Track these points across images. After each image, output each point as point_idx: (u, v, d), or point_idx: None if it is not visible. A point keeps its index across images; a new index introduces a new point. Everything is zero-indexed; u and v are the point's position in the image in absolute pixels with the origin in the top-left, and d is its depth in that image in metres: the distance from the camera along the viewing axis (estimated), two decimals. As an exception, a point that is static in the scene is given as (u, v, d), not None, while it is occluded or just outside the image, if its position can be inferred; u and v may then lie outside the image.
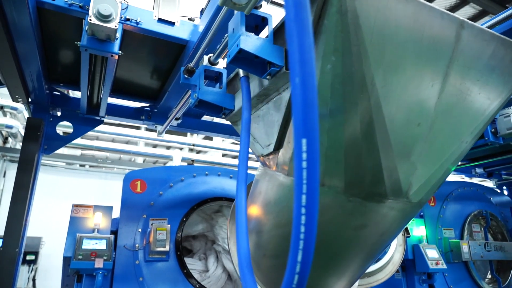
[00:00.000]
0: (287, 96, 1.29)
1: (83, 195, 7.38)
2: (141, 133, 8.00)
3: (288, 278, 0.65)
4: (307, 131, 0.52)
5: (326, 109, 1.06)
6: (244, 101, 1.39)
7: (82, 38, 2.36)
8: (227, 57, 1.31)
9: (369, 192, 1.13)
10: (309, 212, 0.55)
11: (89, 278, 3.39)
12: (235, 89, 1.75)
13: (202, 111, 1.85)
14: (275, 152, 1.41)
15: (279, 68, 1.23)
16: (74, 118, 3.70)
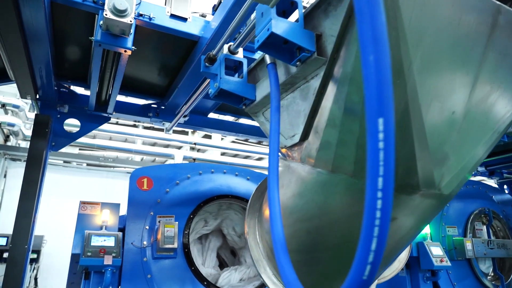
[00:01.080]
0: (316, 84, 1.26)
1: (85, 193, 7.34)
2: (141, 131, 7.98)
3: (357, 269, 0.61)
4: (383, 110, 0.52)
5: (359, 96, 1.05)
6: (273, 89, 1.36)
7: (95, 33, 2.36)
8: (256, 42, 1.28)
9: (401, 183, 1.12)
10: (385, 195, 0.54)
11: (97, 275, 3.39)
12: (255, 79, 1.73)
13: (221, 101, 1.82)
14: (300, 143, 1.39)
15: (310, 54, 1.20)
16: (81, 115, 3.68)
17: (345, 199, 1.25)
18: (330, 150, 1.21)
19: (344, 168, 1.19)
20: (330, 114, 1.18)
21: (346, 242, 1.33)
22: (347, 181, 1.20)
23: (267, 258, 1.73)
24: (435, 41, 0.96)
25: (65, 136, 3.61)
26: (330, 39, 1.14)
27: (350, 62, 1.07)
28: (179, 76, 3.32)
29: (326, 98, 1.22)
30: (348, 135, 1.13)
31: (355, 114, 1.09)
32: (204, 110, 4.10)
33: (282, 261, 0.97)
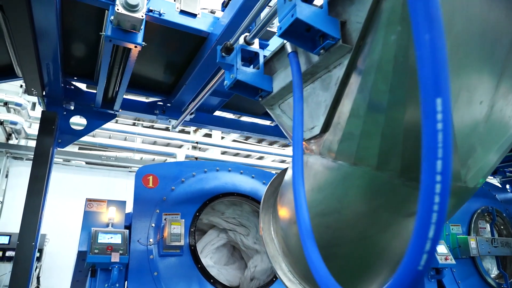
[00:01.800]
0: (338, 73, 1.24)
1: (87, 192, 7.32)
2: (142, 130, 7.97)
3: (412, 258, 0.57)
4: (441, 89, 0.51)
5: (386, 84, 1.03)
6: (295, 78, 1.32)
7: (106, 29, 2.35)
8: (278, 30, 1.25)
9: None
10: (444, 179, 0.51)
11: (104, 273, 3.37)
12: (271, 70, 1.71)
13: (236, 93, 1.79)
14: (320, 135, 1.36)
15: (334, 42, 1.18)
16: (87, 112, 3.67)
17: (367, 193, 1.23)
18: (353, 141, 1.19)
19: (367, 160, 1.17)
20: (354, 104, 1.16)
21: (366, 237, 1.31)
22: (370, 174, 1.18)
23: (283, 254, 1.71)
24: (466, 28, 0.95)
25: (71, 133, 3.60)
26: (356, 26, 1.12)
27: (377, 49, 1.05)
28: (186, 73, 3.32)
29: (350, 87, 1.19)
30: (373, 125, 1.11)
31: (381, 103, 1.07)
32: (210, 107, 4.10)
33: (311, 255, 0.95)
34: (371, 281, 1.50)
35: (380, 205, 1.24)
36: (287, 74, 1.55)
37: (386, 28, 0.99)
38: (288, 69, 1.53)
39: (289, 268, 1.68)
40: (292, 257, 1.65)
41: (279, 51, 1.62)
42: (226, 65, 1.76)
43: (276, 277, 3.97)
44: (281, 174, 2.07)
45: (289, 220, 1.61)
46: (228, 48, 1.74)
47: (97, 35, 2.95)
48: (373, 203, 1.24)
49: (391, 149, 1.12)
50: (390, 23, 0.98)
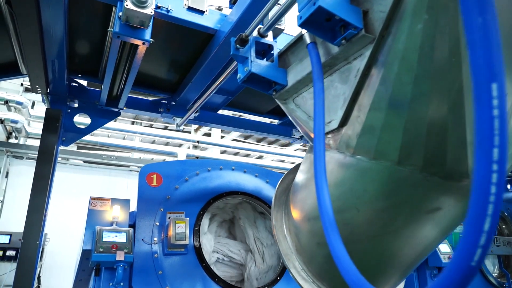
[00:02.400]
0: (359, 65, 1.20)
1: (87, 191, 7.29)
2: (142, 129, 7.94)
3: (465, 253, 0.54)
4: (496, 74, 0.49)
5: (411, 76, 1.01)
6: (316, 69, 1.27)
7: (114, 25, 2.33)
8: (298, 19, 1.22)
9: (450, 170, 1.09)
10: (501, 168, 0.49)
11: (108, 272, 3.36)
12: (285, 63, 1.68)
13: (249, 86, 1.74)
14: (338, 129, 1.32)
15: (357, 31, 1.14)
16: (91, 110, 3.65)
17: (387, 188, 1.21)
18: (373, 135, 1.17)
19: (388, 154, 1.15)
20: (375, 96, 1.13)
21: (384, 233, 1.30)
22: (390, 169, 1.16)
23: (296, 252, 1.69)
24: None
25: (75, 131, 3.57)
26: (379, 15, 1.09)
27: (401, 39, 1.02)
28: (192, 71, 3.30)
29: (371, 79, 1.16)
30: (395, 118, 1.09)
31: (404, 96, 1.04)
32: (214, 106, 4.08)
33: (337, 251, 0.93)
34: (386, 280, 1.49)
35: (400, 202, 1.22)
36: (303, 67, 1.52)
37: (412, 16, 0.96)
38: (304, 61, 1.51)
39: (302, 266, 1.66)
40: (306, 255, 1.63)
41: (293, 43, 1.59)
42: (240, 58, 1.71)
43: (280, 277, 3.96)
44: (292, 171, 2.06)
45: (303, 217, 1.59)
46: (243, 39, 1.69)
47: (103, 32, 2.93)
48: (393, 199, 1.22)
49: (414, 143, 1.10)
50: (416, 11, 0.95)
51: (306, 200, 1.58)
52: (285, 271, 4.00)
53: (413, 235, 1.29)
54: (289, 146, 12.03)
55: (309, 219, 1.55)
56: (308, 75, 1.47)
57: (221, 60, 2.84)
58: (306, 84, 1.55)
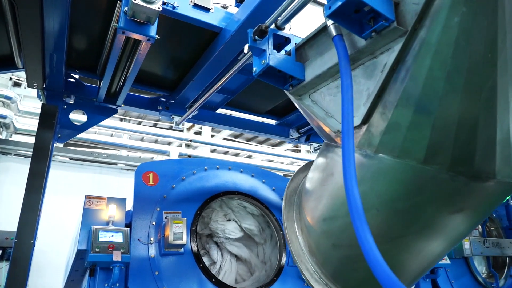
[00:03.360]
0: (386, 59, 1.16)
1: (76, 189, 7.15)
2: (131, 126, 7.80)
3: None
4: None
5: (443, 71, 0.98)
6: (343, 63, 1.20)
7: (120, 20, 2.27)
8: (326, 10, 1.18)
9: (477, 170, 1.08)
10: None
11: (103, 272, 3.28)
12: (302, 57, 1.62)
13: (265, 80, 1.68)
14: (359, 126, 1.28)
15: (388, 23, 1.09)
16: (88, 107, 3.57)
17: (411, 188, 1.18)
18: (399, 133, 1.13)
19: (414, 153, 1.12)
20: (403, 92, 1.09)
21: (404, 235, 1.28)
22: (415, 168, 1.13)
23: (308, 253, 1.66)
24: None
25: (71, 128, 3.49)
26: (411, 7, 1.05)
27: (436, 32, 0.98)
28: (193, 68, 3.25)
29: (399, 74, 1.12)
30: (424, 116, 1.06)
31: (435, 92, 1.02)
32: (213, 105, 4.04)
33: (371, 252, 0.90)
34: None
35: (423, 202, 1.20)
36: (323, 61, 1.47)
37: (449, 9, 0.93)
38: (325, 56, 1.47)
39: (315, 268, 1.63)
40: (319, 256, 1.61)
41: (313, 37, 1.54)
42: (257, 50, 1.64)
43: (277, 277, 3.94)
44: (302, 170, 2.03)
45: (318, 217, 1.57)
46: (262, 31, 1.61)
47: (103, 26, 2.86)
48: (416, 200, 1.20)
49: (442, 141, 1.07)
50: (454, 4, 0.92)
51: (322, 199, 1.54)
52: (282, 271, 3.99)
53: (434, 238, 1.28)
54: (279, 146, 12.05)
55: (325, 219, 1.52)
56: (329, 70, 1.44)
57: (225, 59, 2.81)
58: (325, 79, 1.51)
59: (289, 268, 4.04)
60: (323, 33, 1.51)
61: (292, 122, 4.51)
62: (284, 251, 4.10)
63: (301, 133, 4.49)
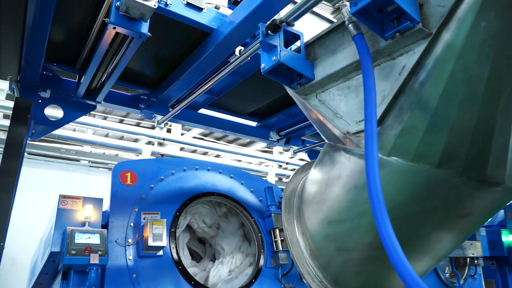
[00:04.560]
0: (405, 61, 1.13)
1: (41, 186, 6.79)
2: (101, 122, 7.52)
3: None
4: None
5: (465, 75, 0.97)
6: (366, 64, 1.17)
7: (110, 14, 2.19)
8: (351, 7, 1.14)
9: (489, 175, 1.08)
10: None
11: (78, 275, 3.14)
12: (310, 56, 1.59)
13: (272, 77, 1.64)
14: None
15: (413, 25, 1.07)
16: (64, 102, 3.40)
17: (422, 192, 1.17)
18: (415, 136, 1.12)
19: (429, 157, 1.11)
20: (422, 95, 1.07)
21: (413, 238, 1.28)
22: (429, 172, 1.12)
23: (310, 256, 1.66)
24: None
25: (46, 123, 3.31)
26: (436, 9, 1.04)
27: (461, 36, 0.97)
28: (180, 68, 3.19)
29: (419, 77, 1.10)
30: (443, 119, 1.05)
31: (455, 95, 1.01)
32: (195, 105, 3.99)
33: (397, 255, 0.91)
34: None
35: (434, 206, 1.19)
36: (336, 61, 1.44)
37: (477, 13, 0.92)
38: (338, 55, 1.43)
39: (316, 272, 1.63)
40: (322, 259, 1.60)
41: (324, 35, 1.51)
42: (268, 46, 1.58)
43: (255, 279, 3.95)
44: (300, 172, 2.00)
45: (321, 220, 1.55)
46: (276, 25, 1.55)
47: (85, 18, 2.74)
48: (426, 204, 1.18)
49: (457, 146, 1.06)
50: (483, 8, 0.91)
51: (326, 202, 1.52)
52: (260, 273, 4.01)
53: (438, 241, 1.30)
54: (248, 146, 12.08)
55: (330, 222, 1.51)
56: (343, 69, 1.40)
57: (215, 60, 2.79)
58: (335, 79, 1.47)
59: (267, 269, 4.07)
60: (335, 32, 1.47)
61: (272, 125, 4.54)
62: (262, 253, 4.12)
63: (281, 135, 4.53)
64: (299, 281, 4.20)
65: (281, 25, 1.57)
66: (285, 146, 4.62)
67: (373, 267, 1.42)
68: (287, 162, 10.12)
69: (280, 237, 4.16)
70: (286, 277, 4.07)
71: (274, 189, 4.53)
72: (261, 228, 4.28)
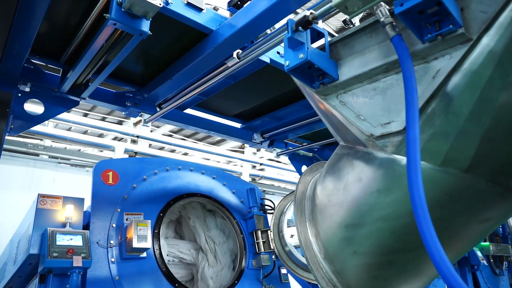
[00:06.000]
0: (440, 65, 1.11)
1: (6, 183, 6.40)
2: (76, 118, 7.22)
3: None
4: None
5: (503, 82, 0.97)
6: (407, 66, 1.12)
7: (111, 10, 2.12)
8: (396, 7, 1.11)
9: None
10: None
11: (57, 278, 3.00)
12: (333, 56, 1.54)
13: (295, 76, 1.58)
14: (398, 132, 1.22)
15: (455, 28, 1.05)
16: (46, 97, 3.24)
17: (448, 197, 1.16)
18: (446, 141, 1.11)
19: (458, 162, 1.11)
20: (457, 100, 1.07)
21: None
22: (456, 177, 1.12)
23: (324, 260, 1.60)
24: None
25: (25, 119, 3.14)
26: (477, 14, 1.03)
27: (502, 43, 0.97)
28: (172, 67, 3.13)
29: (455, 82, 1.09)
30: (476, 125, 1.05)
31: (491, 102, 1.01)
32: (182, 104, 3.92)
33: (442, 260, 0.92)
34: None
35: (457, 211, 1.20)
36: (365, 61, 1.41)
37: None
38: (367, 55, 1.41)
39: (330, 276, 1.58)
40: (337, 263, 1.57)
41: (349, 35, 1.48)
42: (295, 42, 1.51)
43: (238, 280, 3.96)
44: (308, 173, 1.97)
45: (338, 224, 1.51)
46: (308, 21, 1.48)
47: (73, 11, 2.62)
48: (451, 208, 1.18)
49: (488, 151, 1.07)
50: None
51: (344, 205, 1.49)
52: (243, 274, 4.02)
53: (456, 247, 1.30)
54: (218, 145, 12.02)
55: (347, 225, 1.47)
56: (371, 71, 1.38)
57: (212, 61, 2.77)
58: (360, 80, 1.44)
59: (249, 271, 4.09)
60: (362, 33, 1.45)
61: (256, 127, 4.57)
62: (244, 254, 4.13)
63: (265, 137, 4.57)
64: (279, 282, 4.27)
65: (313, 22, 1.51)
66: (268, 148, 4.66)
67: (390, 272, 1.42)
68: (261, 164, 10.18)
69: (262, 239, 4.20)
70: (267, 278, 4.11)
71: (256, 190, 4.56)
72: (243, 230, 4.29)
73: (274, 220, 4.24)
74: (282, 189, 11.75)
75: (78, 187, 6.57)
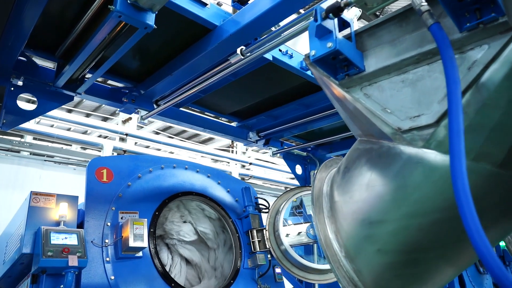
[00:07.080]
0: (476, 56, 1.08)
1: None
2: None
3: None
4: None
5: None
6: (449, 55, 1.07)
7: (116, 3, 2.07)
8: None
9: None
10: None
11: (50, 279, 2.91)
12: (357, 46, 1.49)
13: (319, 66, 1.51)
14: (428, 126, 1.18)
15: (498, 16, 1.02)
16: (39, 91, 3.14)
17: (481, 192, 1.12)
18: (480, 134, 1.09)
19: (492, 156, 1.09)
20: (494, 92, 1.04)
21: (460, 240, 1.23)
22: (490, 172, 1.10)
23: (345, 259, 1.54)
24: None
25: (18, 113, 3.03)
26: None
27: None
28: (172, 63, 3.08)
29: (492, 73, 1.07)
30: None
31: None
32: (179, 101, 3.87)
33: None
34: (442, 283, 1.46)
35: (489, 206, 1.17)
36: (395, 52, 1.36)
37: None
38: (398, 46, 1.36)
39: (352, 275, 1.51)
40: (359, 262, 1.50)
41: (376, 26, 1.43)
42: (323, 30, 1.44)
43: (234, 280, 3.93)
44: (324, 170, 1.91)
45: (361, 221, 1.46)
46: (340, 8, 1.41)
47: (71, 3, 2.55)
48: (483, 203, 1.12)
49: None
50: None
51: (367, 202, 1.43)
52: (238, 273, 3.99)
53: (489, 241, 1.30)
54: (206, 144, 11.96)
55: (371, 223, 1.41)
56: (401, 62, 1.33)
57: (215, 57, 2.73)
58: (388, 72, 1.38)
59: (244, 270, 4.06)
60: (391, 22, 1.39)
61: (252, 125, 4.55)
62: (240, 254, 4.10)
63: (260, 136, 4.55)
64: (274, 281, 4.26)
65: (344, 8, 1.42)
66: (264, 147, 4.65)
67: (415, 270, 1.38)
68: (250, 163, 10.17)
69: (257, 238, 4.18)
70: (262, 278, 4.09)
71: (250, 189, 4.54)
72: (238, 229, 4.27)
73: (270, 219, 4.22)
74: (272, 189, 11.76)
75: (65, 185, 6.41)
